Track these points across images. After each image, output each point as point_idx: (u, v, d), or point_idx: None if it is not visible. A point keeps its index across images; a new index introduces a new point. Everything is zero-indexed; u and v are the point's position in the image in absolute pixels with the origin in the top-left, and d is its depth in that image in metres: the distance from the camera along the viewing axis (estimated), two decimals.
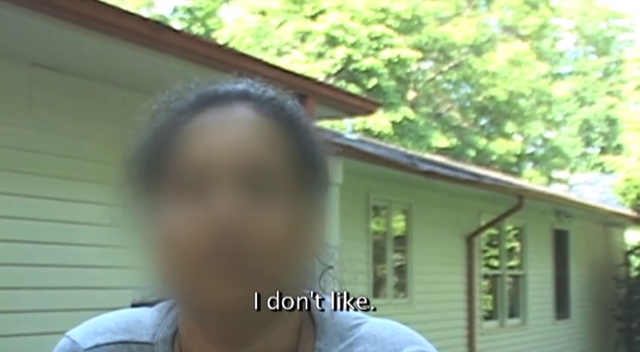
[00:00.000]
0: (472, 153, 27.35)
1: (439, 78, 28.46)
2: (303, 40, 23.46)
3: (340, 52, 22.88)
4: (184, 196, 1.07)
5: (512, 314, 14.44)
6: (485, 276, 13.96)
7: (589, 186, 24.66)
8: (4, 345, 5.41)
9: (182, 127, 1.13)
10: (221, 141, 1.09)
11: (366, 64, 22.98)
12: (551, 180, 30.21)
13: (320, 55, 23.13)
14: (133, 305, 1.27)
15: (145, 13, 23.15)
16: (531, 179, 26.96)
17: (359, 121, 21.74)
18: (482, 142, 27.97)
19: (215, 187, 1.06)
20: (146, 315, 1.23)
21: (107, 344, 1.20)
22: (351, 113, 7.86)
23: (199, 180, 1.07)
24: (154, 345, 1.19)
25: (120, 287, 5.85)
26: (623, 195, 20.29)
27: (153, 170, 1.13)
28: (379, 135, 21.36)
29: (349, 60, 23.03)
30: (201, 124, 1.12)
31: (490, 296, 14.32)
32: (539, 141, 31.94)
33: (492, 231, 13.96)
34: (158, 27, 5.53)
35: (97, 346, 1.20)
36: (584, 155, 34.41)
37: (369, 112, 8.09)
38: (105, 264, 6.01)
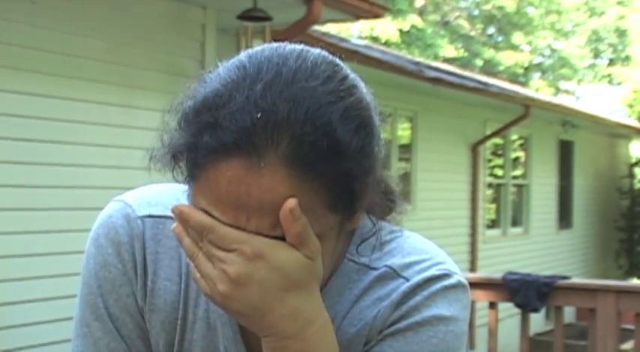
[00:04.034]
0: (479, 63, 27.14)
1: None
2: None
3: None
4: None
5: (515, 223, 14.52)
6: (490, 185, 14.00)
7: (596, 97, 24.54)
8: (7, 241, 5.44)
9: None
10: None
11: None
12: (558, 91, 30.02)
13: None
14: None
15: None
16: (538, 90, 26.78)
17: (366, 29, 21.50)
18: (489, 53, 27.71)
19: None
20: None
21: (159, 216, 1.23)
22: (358, 16, 7.74)
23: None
24: None
25: (120, 187, 5.86)
26: (630, 106, 20.23)
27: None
28: (386, 43, 21.15)
29: None
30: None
31: (494, 205, 14.37)
32: (547, 52, 31.65)
33: (497, 140, 13.93)
34: None
35: (150, 216, 1.23)
36: (592, 66, 34.12)
37: (376, 16, 7.96)
38: (105, 163, 6.00)
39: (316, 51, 1.10)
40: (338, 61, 1.11)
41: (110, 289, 1.23)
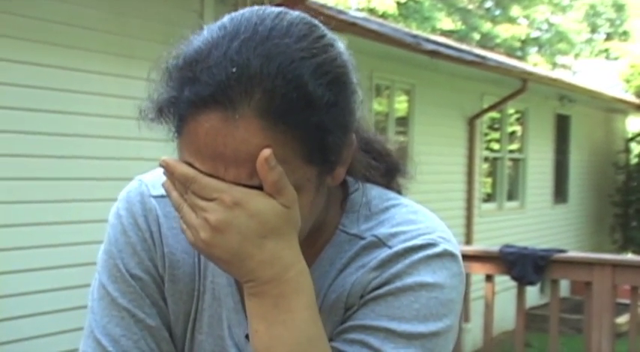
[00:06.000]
0: (477, 36, 27.05)
1: None
2: None
3: None
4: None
5: (510, 197, 14.53)
6: (486, 159, 13.99)
7: (593, 72, 24.51)
8: (5, 211, 5.44)
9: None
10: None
11: None
12: (555, 66, 29.95)
13: None
14: None
15: None
16: (535, 65, 26.72)
17: (363, 0, 21.41)
18: (487, 26, 27.61)
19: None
20: None
21: None
22: None
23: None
24: None
25: (117, 157, 5.85)
26: (627, 81, 20.22)
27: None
28: (383, 16, 21.07)
29: None
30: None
31: (490, 179, 14.37)
32: (545, 26, 31.55)
33: (494, 114, 13.91)
34: None
35: (162, 196, 1.30)
36: (589, 41, 34.03)
37: None
38: (103, 133, 5.99)
39: (295, 13, 1.16)
40: (317, 22, 1.16)
41: (132, 252, 1.29)
